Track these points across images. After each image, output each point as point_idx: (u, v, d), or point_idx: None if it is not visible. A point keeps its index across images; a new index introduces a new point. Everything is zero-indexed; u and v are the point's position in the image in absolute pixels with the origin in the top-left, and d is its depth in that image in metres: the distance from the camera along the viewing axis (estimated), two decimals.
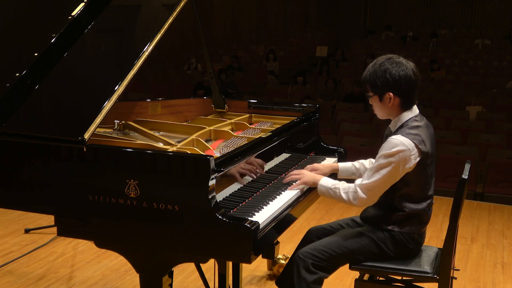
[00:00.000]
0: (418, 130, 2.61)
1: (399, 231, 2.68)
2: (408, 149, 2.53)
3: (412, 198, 2.66)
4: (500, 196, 6.42)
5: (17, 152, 2.55)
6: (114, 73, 2.72)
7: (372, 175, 2.59)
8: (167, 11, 2.88)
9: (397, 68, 2.60)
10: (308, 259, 2.66)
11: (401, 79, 2.59)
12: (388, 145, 2.56)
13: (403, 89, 2.61)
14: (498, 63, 12.71)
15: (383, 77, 2.60)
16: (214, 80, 3.58)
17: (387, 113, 2.70)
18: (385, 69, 2.60)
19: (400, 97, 2.62)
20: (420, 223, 2.72)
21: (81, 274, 4.07)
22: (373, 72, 2.64)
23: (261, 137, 2.89)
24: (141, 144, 2.76)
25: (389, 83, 2.59)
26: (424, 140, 2.60)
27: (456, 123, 8.23)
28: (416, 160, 2.56)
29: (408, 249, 2.73)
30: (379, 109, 2.71)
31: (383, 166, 2.55)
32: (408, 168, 2.57)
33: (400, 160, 2.53)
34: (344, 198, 2.64)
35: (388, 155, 2.54)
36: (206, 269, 3.33)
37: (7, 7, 3.13)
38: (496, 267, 4.42)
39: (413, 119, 2.65)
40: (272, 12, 18.38)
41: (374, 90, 2.66)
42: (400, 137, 2.56)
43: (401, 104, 2.64)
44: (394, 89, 2.60)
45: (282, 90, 10.98)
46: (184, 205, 2.26)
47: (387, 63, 2.62)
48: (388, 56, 2.67)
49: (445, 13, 18.63)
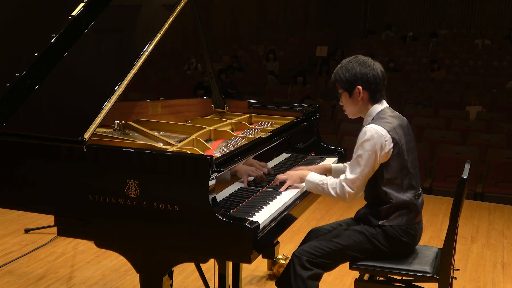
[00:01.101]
0: (389, 119, 2.70)
1: (389, 225, 2.70)
2: (381, 135, 2.62)
3: (395, 185, 2.69)
4: (500, 196, 6.42)
5: (17, 152, 2.55)
6: (114, 73, 2.72)
7: (353, 168, 2.66)
8: (167, 11, 2.88)
9: (364, 65, 2.74)
10: (303, 256, 2.68)
11: (368, 73, 2.72)
12: (361, 135, 2.65)
13: (371, 82, 2.72)
14: (498, 63, 12.70)
15: (350, 72, 2.73)
16: (214, 80, 3.58)
17: (358, 109, 2.79)
18: (352, 66, 2.75)
19: (369, 90, 2.73)
20: (409, 214, 2.73)
21: (81, 274, 4.07)
22: (340, 70, 2.78)
23: (261, 137, 2.89)
24: (141, 144, 2.76)
25: (357, 76, 2.72)
26: (395, 127, 2.68)
27: (456, 123, 8.23)
28: (390, 146, 2.64)
29: (402, 242, 2.73)
30: (349, 105, 2.80)
31: (360, 155, 2.63)
32: (385, 155, 2.64)
33: (375, 146, 2.61)
34: (333, 194, 2.69)
35: (363, 143, 2.63)
36: (206, 269, 3.33)
37: (7, 7, 3.13)
38: (496, 267, 4.42)
39: (384, 110, 2.75)
40: (272, 12, 18.38)
41: (343, 86, 2.76)
42: (372, 125, 2.65)
43: (370, 98, 2.74)
44: (362, 82, 2.72)
45: (282, 90, 10.97)
46: (184, 205, 2.26)
47: (354, 61, 2.77)
48: (354, 56, 2.81)
49: (445, 13, 18.62)
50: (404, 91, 10.12)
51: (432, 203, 5.89)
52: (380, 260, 2.74)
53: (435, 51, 14.10)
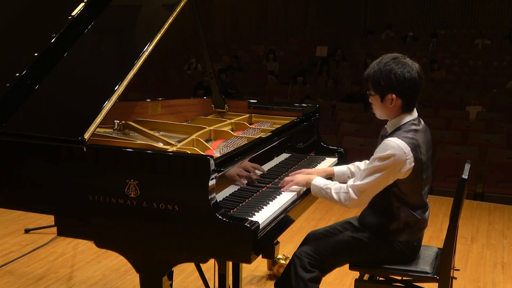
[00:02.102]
0: (415, 134, 2.55)
1: (398, 241, 2.67)
2: (404, 153, 2.47)
3: (411, 206, 2.63)
4: (500, 196, 6.42)
5: (17, 152, 2.55)
6: (114, 73, 2.72)
7: (365, 176, 2.52)
8: (167, 11, 2.88)
9: (403, 69, 2.52)
10: (304, 258, 2.67)
11: (406, 81, 2.51)
12: (383, 147, 2.50)
13: (407, 91, 2.54)
14: (498, 63, 12.70)
15: (388, 77, 2.52)
16: (214, 80, 3.57)
17: (387, 114, 2.63)
18: (390, 69, 2.52)
19: (403, 99, 2.56)
20: (419, 229, 2.71)
21: (81, 274, 4.07)
22: (377, 71, 2.56)
23: (261, 137, 2.89)
24: (141, 144, 2.76)
25: (393, 84, 2.52)
26: (420, 144, 2.54)
27: (456, 123, 8.23)
28: (411, 165, 2.49)
29: (406, 256, 2.72)
30: (379, 109, 2.64)
31: (377, 168, 2.49)
32: (402, 173, 2.51)
33: (395, 163, 2.47)
34: (335, 198, 2.58)
35: (383, 158, 2.48)
36: (206, 269, 3.33)
37: (7, 7, 3.13)
38: (496, 267, 4.42)
39: (411, 122, 2.59)
40: (272, 12, 18.38)
41: (377, 90, 2.58)
42: (396, 139, 2.49)
43: (403, 106, 2.58)
44: (398, 91, 2.53)
45: (282, 90, 10.98)
46: (184, 205, 2.26)
47: (393, 63, 2.54)
48: (394, 55, 2.58)
49: (445, 13, 18.63)
50: None
51: (432, 203, 5.84)
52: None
53: (435, 51, 14.11)
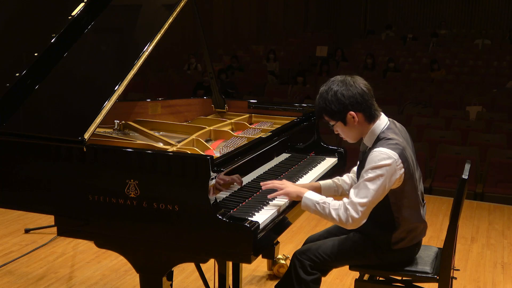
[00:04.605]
0: (397, 138, 2.53)
1: (399, 248, 2.68)
2: (394, 160, 2.45)
3: (411, 212, 2.63)
4: (500, 196, 6.43)
5: (17, 152, 2.55)
6: (114, 73, 2.72)
7: (360, 191, 2.47)
8: (167, 11, 2.88)
9: (344, 86, 2.52)
10: (305, 260, 2.68)
11: (354, 95, 2.51)
12: (373, 158, 2.46)
13: (361, 103, 2.52)
14: (498, 63, 12.69)
15: (337, 100, 2.52)
16: (214, 80, 3.58)
17: (358, 133, 2.61)
18: (334, 93, 2.52)
19: (362, 111, 2.54)
20: (420, 233, 2.73)
21: (81, 274, 4.07)
22: (325, 101, 2.55)
23: (261, 137, 2.89)
24: (141, 144, 2.76)
25: (345, 102, 2.51)
26: (405, 147, 2.52)
27: (456, 123, 8.23)
28: (401, 171, 2.48)
29: (406, 257, 2.75)
30: (347, 132, 2.61)
31: (371, 179, 2.45)
32: (395, 180, 2.49)
33: (388, 172, 2.44)
34: (335, 218, 2.48)
35: (376, 167, 2.44)
36: (206, 269, 3.33)
37: (7, 7, 3.13)
38: (496, 267, 4.42)
39: (386, 127, 2.58)
40: (272, 12, 18.37)
41: (335, 117, 2.57)
42: (383, 149, 2.47)
43: (366, 118, 2.56)
44: (353, 106, 2.52)
45: (282, 90, 10.97)
46: (184, 205, 2.26)
47: (333, 86, 2.54)
48: (330, 81, 2.58)
49: (445, 13, 18.62)
50: (404, 91, 10.12)
51: (432, 203, 5.89)
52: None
53: (435, 51, 14.09)
